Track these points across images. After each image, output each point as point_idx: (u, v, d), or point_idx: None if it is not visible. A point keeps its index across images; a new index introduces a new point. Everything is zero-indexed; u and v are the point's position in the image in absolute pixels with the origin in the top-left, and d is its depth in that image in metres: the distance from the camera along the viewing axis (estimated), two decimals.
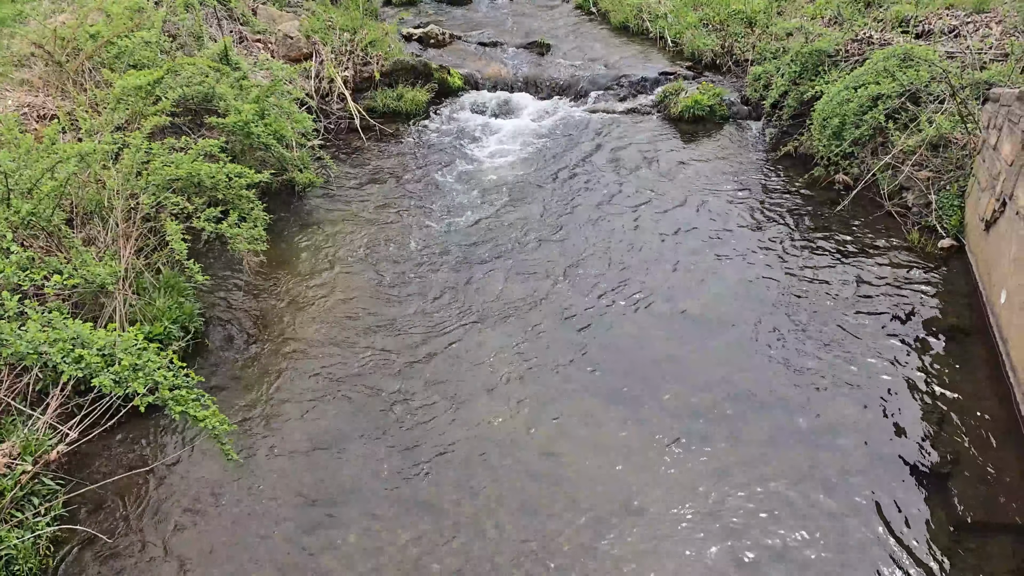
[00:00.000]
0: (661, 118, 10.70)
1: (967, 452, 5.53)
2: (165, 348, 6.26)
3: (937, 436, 5.70)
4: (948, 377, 6.22)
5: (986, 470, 5.38)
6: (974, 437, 5.65)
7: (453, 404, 6.11)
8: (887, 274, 7.46)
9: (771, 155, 9.70)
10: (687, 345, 6.70)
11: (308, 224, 8.48)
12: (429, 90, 11.10)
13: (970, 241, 7.69)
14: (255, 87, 8.67)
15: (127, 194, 6.78)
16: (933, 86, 8.49)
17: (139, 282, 6.71)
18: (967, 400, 5.98)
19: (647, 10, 12.63)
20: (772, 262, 7.72)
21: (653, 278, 7.53)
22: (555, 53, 12.23)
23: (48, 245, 6.40)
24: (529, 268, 7.71)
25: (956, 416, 5.84)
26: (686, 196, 8.86)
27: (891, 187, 8.39)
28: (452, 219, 8.53)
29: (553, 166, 9.55)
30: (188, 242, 6.54)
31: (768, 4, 11.62)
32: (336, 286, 7.50)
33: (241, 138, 8.30)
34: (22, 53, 8.77)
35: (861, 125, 8.58)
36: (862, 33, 9.85)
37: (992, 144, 7.27)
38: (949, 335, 6.65)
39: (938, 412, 5.90)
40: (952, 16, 9.92)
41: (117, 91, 7.44)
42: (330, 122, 10.45)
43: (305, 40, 11.15)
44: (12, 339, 3.92)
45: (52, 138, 6.66)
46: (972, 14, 9.86)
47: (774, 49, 10.59)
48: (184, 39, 9.69)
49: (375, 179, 9.35)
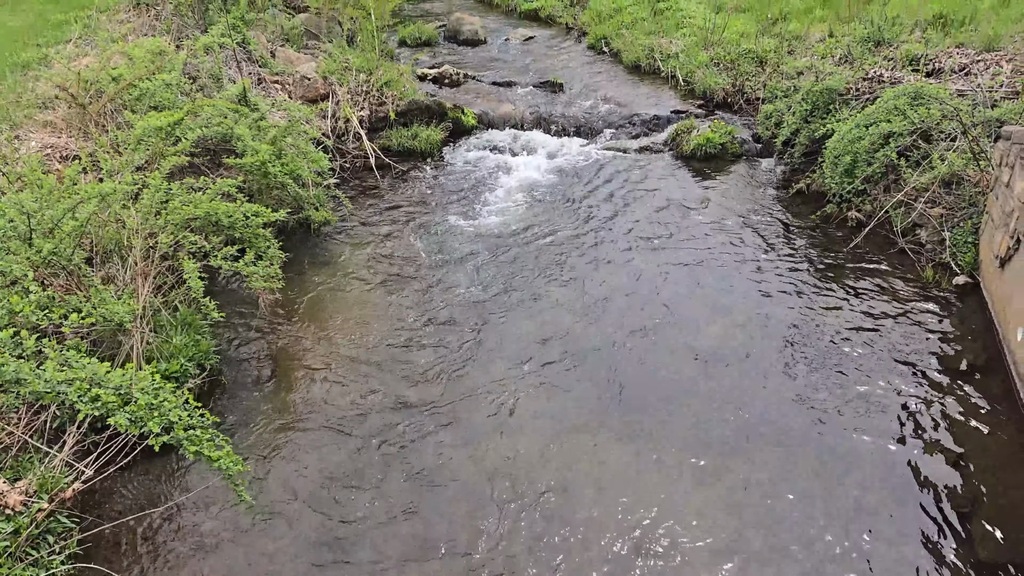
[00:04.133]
0: (673, 156, 10.77)
1: (986, 491, 5.46)
2: (181, 385, 6.32)
3: (956, 474, 5.63)
4: (965, 415, 6.16)
5: (1006, 509, 5.30)
6: (993, 475, 5.58)
7: (465, 440, 6.11)
8: (902, 311, 7.43)
9: (783, 192, 9.73)
10: (700, 378, 6.68)
11: (323, 262, 8.56)
12: (443, 129, 11.24)
13: (985, 278, 7.65)
14: (272, 127, 8.81)
15: (146, 233, 6.89)
16: (944, 124, 8.52)
17: (156, 320, 6.78)
18: (985, 438, 5.92)
19: (659, 49, 12.79)
20: (785, 298, 7.71)
21: (666, 312, 7.53)
22: (568, 92, 12.38)
23: (68, 283, 6.49)
24: (541, 304, 7.74)
25: (974, 454, 5.77)
26: (698, 233, 8.89)
27: (904, 224, 8.39)
28: (466, 257, 8.59)
29: (566, 204, 9.63)
30: (205, 280, 6.62)
31: (778, 43, 11.74)
32: (349, 323, 7.54)
33: (258, 177, 8.43)
34: (46, 95, 8.98)
35: (873, 162, 8.61)
36: (872, 71, 9.92)
37: (1005, 181, 7.27)
38: (965, 372, 6.59)
39: (956, 450, 5.83)
40: (962, 54, 9.98)
41: (138, 132, 7.59)
42: (346, 161, 10.59)
43: (322, 81, 11.35)
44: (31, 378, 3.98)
45: (73, 178, 6.80)
46: (982, 52, 9.91)
47: (785, 88, 10.67)
48: (204, 81, 9.89)
49: (389, 218, 9.45)
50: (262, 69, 11.25)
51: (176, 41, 10.83)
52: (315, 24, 13.52)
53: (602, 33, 14.01)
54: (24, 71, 9.59)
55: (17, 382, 3.97)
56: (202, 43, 9.83)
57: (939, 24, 10.84)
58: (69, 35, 10.61)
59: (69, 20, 11.13)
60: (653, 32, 13.39)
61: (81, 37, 10.54)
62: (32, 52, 10.05)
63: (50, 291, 5.90)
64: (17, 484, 5.03)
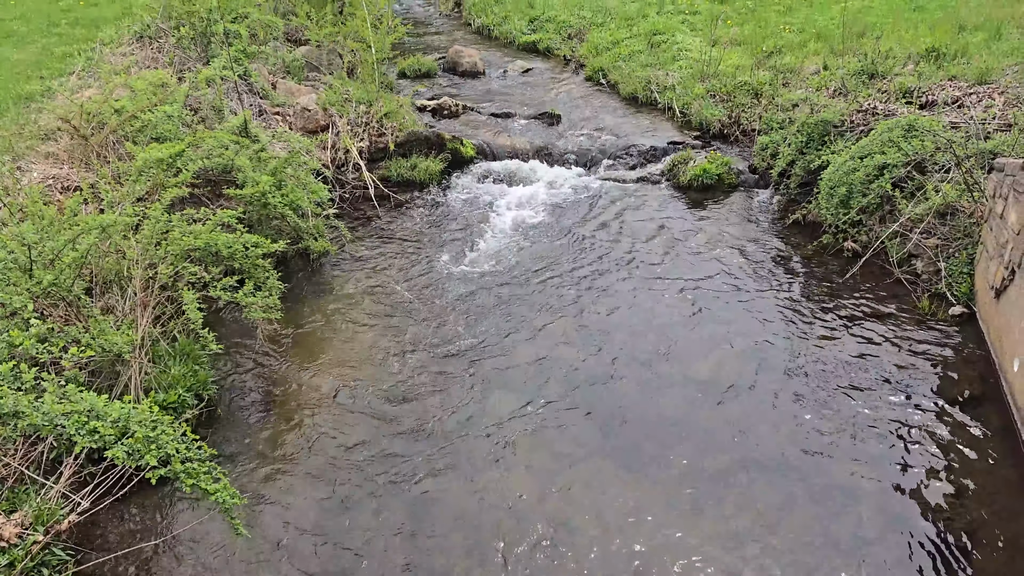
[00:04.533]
0: (670, 186, 10.86)
1: (986, 523, 5.45)
2: (179, 416, 6.32)
3: (954, 506, 5.62)
4: (963, 446, 6.15)
5: (1008, 540, 5.28)
6: (992, 507, 5.57)
7: (463, 473, 6.10)
8: (898, 341, 7.45)
9: (779, 223, 9.79)
10: (698, 408, 6.69)
11: (322, 292, 8.59)
12: (442, 160, 11.34)
13: (981, 309, 7.69)
14: (273, 158, 8.90)
15: (146, 264, 6.93)
16: (938, 156, 8.61)
17: (155, 350, 6.80)
18: (983, 469, 5.91)
19: (656, 81, 12.93)
20: (782, 328, 7.73)
21: (663, 342, 7.55)
22: (566, 123, 12.50)
23: (67, 314, 6.51)
24: (539, 335, 7.76)
25: (973, 485, 5.76)
26: (695, 263, 8.94)
27: (900, 255, 8.44)
28: (464, 288, 8.63)
29: (564, 234, 9.68)
30: (204, 310, 6.64)
31: (773, 76, 11.89)
32: (348, 354, 7.56)
33: (258, 208, 8.50)
34: (49, 127, 9.07)
35: (868, 193, 8.68)
36: (867, 104, 10.03)
37: (999, 213, 7.33)
38: (962, 403, 6.60)
39: (954, 481, 5.82)
40: (955, 87, 10.10)
41: (139, 163, 7.66)
42: (345, 191, 10.66)
43: (322, 112, 11.47)
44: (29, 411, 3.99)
45: (74, 209, 6.85)
46: (974, 85, 10.04)
47: (780, 119, 10.78)
48: (206, 112, 10.00)
49: (388, 248, 9.50)
50: (263, 101, 11.37)
51: (178, 73, 10.96)
52: (316, 56, 13.69)
53: (600, 65, 14.18)
54: (27, 103, 9.69)
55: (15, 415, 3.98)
56: (204, 75, 9.95)
57: (932, 57, 10.98)
58: (73, 68, 10.73)
59: (73, 53, 11.27)
60: (650, 64, 13.55)
61: (84, 70, 10.66)
62: (36, 85, 10.16)
63: (49, 322, 5.93)
64: (12, 516, 5.01)
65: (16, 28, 12.67)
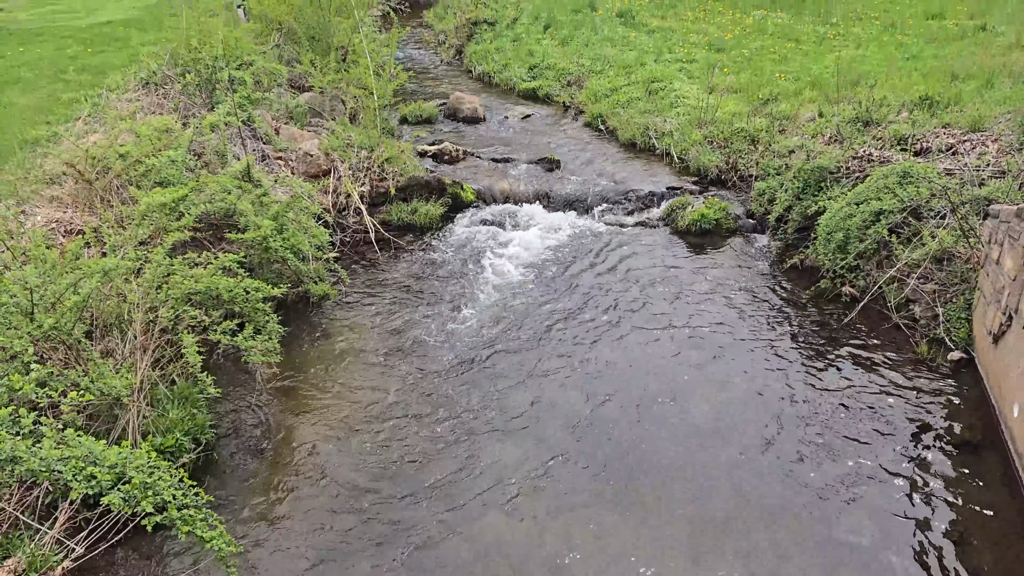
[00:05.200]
0: (669, 231, 10.94)
1: (988, 568, 5.39)
2: (176, 460, 6.29)
3: (957, 553, 5.57)
4: (963, 491, 6.12)
5: None
6: (994, 554, 5.52)
7: (462, 518, 6.05)
8: (897, 387, 7.45)
9: (777, 267, 9.85)
10: (697, 453, 6.66)
11: (321, 335, 8.60)
12: (443, 204, 11.43)
13: (979, 354, 7.70)
14: (275, 203, 8.98)
15: (147, 307, 6.96)
16: (934, 202, 8.70)
17: (153, 393, 6.79)
18: (984, 515, 5.87)
19: (654, 128, 13.10)
20: (781, 373, 7.73)
21: (662, 387, 7.55)
22: (565, 168, 12.63)
23: (67, 357, 6.52)
24: (538, 378, 7.75)
25: (975, 531, 5.72)
26: (695, 308, 8.97)
27: (898, 300, 8.48)
28: (463, 331, 8.64)
29: (563, 278, 9.73)
30: (203, 352, 6.65)
31: (770, 123, 12.05)
32: (346, 398, 7.54)
33: (259, 252, 8.56)
34: (54, 172, 9.17)
35: (865, 239, 8.75)
36: (862, 151, 10.16)
37: (995, 259, 7.39)
38: (962, 448, 6.58)
39: (955, 527, 5.78)
40: (949, 135, 10.24)
41: (142, 208, 7.74)
42: (346, 235, 10.74)
43: (324, 157, 11.60)
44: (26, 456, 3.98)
45: (76, 253, 6.90)
46: (968, 132, 10.17)
47: (777, 166, 10.91)
48: (209, 157, 10.12)
49: (388, 292, 9.54)
50: (266, 146, 11.51)
51: (183, 119, 11.11)
52: (319, 102, 13.89)
53: (598, 112, 14.37)
54: (34, 148, 9.82)
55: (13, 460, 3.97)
56: (208, 121, 10.09)
57: (925, 105, 11.15)
58: (79, 113, 10.89)
59: (79, 99, 11.44)
60: (648, 111, 13.74)
61: (90, 115, 10.81)
62: (42, 130, 10.30)
63: (49, 365, 5.93)
64: (6, 562, 4.96)
65: (24, 74, 12.88)
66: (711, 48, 16.70)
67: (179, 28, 12.93)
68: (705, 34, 17.70)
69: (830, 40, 16.59)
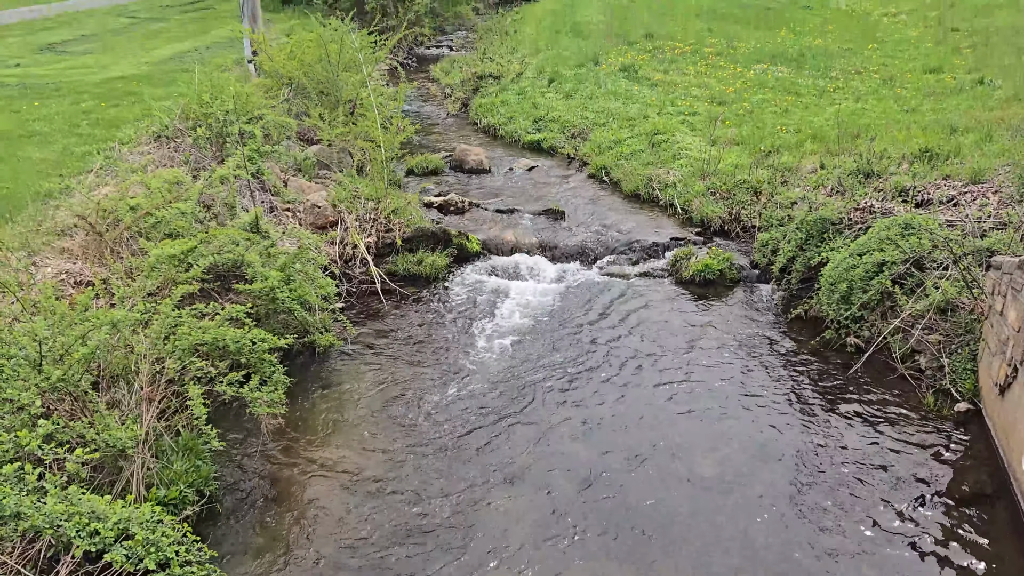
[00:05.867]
0: (673, 282, 10.99)
1: None
2: (179, 512, 6.26)
3: None
4: (972, 544, 6.05)
5: None
6: None
7: (467, 571, 5.98)
8: (904, 438, 7.40)
9: (782, 318, 9.87)
10: (703, 506, 6.61)
11: (326, 386, 8.61)
12: (448, 255, 11.53)
13: (986, 405, 7.66)
14: (282, 254, 9.08)
15: (154, 358, 7.00)
16: (936, 253, 8.75)
17: (158, 444, 6.79)
18: (995, 569, 5.78)
19: (657, 179, 13.26)
20: (786, 425, 7.70)
21: (667, 439, 7.52)
22: (569, 219, 12.75)
23: (73, 408, 6.54)
24: (541, 429, 7.73)
25: None
26: (698, 358, 8.97)
27: (903, 350, 8.48)
28: (468, 382, 8.65)
29: (568, 329, 9.76)
30: (208, 403, 6.66)
31: (772, 174, 12.19)
32: (350, 450, 7.52)
33: (266, 302, 8.62)
34: (65, 224, 9.30)
35: (868, 290, 8.79)
36: (864, 202, 10.26)
37: (999, 310, 7.41)
38: (971, 501, 6.52)
39: None
40: (949, 186, 10.35)
41: (152, 260, 7.83)
42: (352, 285, 10.81)
43: (331, 209, 11.74)
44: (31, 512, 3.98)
45: (85, 304, 6.97)
46: (968, 184, 10.28)
47: (780, 216, 11.01)
48: (218, 209, 10.26)
49: (393, 342, 9.57)
50: (274, 197, 11.67)
51: (194, 172, 11.29)
52: (327, 155, 14.11)
53: (602, 163, 14.56)
54: (46, 200, 9.97)
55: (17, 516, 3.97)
56: (219, 174, 10.25)
57: (925, 158, 11.28)
58: (91, 166, 11.08)
59: (92, 152, 11.65)
60: (651, 163, 13.92)
61: (103, 168, 11.00)
62: (55, 183, 10.47)
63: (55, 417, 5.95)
64: None
65: (39, 128, 13.14)
66: (713, 101, 16.98)
67: (191, 83, 13.23)
68: (707, 88, 18.01)
69: (830, 93, 16.86)
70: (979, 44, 19.67)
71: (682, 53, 21.42)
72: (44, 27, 25.64)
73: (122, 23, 26.57)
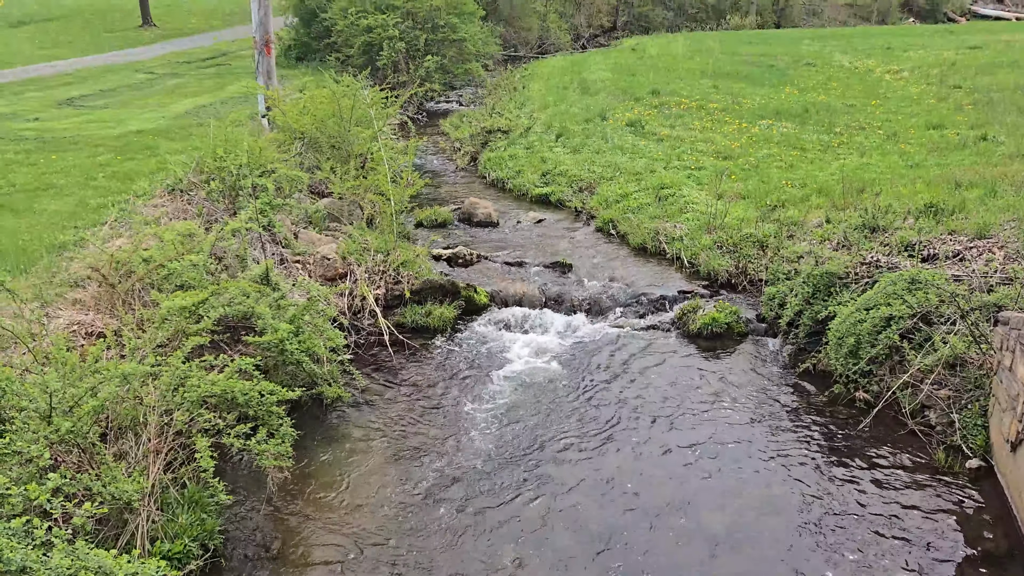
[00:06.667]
0: (680, 335, 11.00)
1: None
2: (183, 567, 6.21)
3: None
4: None
5: None
6: None
7: None
8: (915, 496, 7.32)
9: (790, 372, 9.85)
10: (714, 562, 6.53)
11: (333, 439, 8.60)
12: (456, 307, 11.59)
13: (998, 462, 7.59)
14: (292, 306, 9.16)
15: (162, 410, 7.03)
16: (943, 308, 8.76)
17: (164, 497, 6.77)
18: None
19: (664, 232, 13.37)
20: (795, 481, 7.63)
21: (676, 495, 7.45)
22: (577, 272, 12.84)
23: (81, 460, 6.55)
24: (549, 484, 7.68)
25: None
26: (708, 413, 8.94)
27: (912, 405, 8.43)
28: (476, 436, 8.62)
29: (575, 382, 9.75)
30: (215, 455, 6.66)
31: (778, 228, 12.28)
32: (356, 505, 7.48)
33: (275, 354, 8.67)
34: (79, 275, 9.42)
35: (876, 344, 8.78)
36: (870, 257, 10.31)
37: (1007, 366, 7.39)
38: (984, 561, 6.43)
39: None
40: (955, 241, 10.40)
41: (163, 312, 7.91)
42: (360, 337, 10.86)
43: (341, 261, 11.87)
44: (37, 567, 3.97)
45: (96, 356, 7.03)
46: (974, 239, 10.33)
47: (786, 270, 11.06)
48: (230, 261, 10.38)
49: (401, 394, 9.58)
50: (285, 250, 11.81)
51: (206, 224, 11.45)
52: (337, 207, 14.30)
53: (609, 217, 14.71)
54: (60, 252, 10.12)
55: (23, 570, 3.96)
56: (231, 227, 10.39)
57: (930, 213, 11.36)
58: (105, 218, 11.25)
59: (107, 204, 11.84)
60: (658, 216, 14.05)
61: (117, 220, 11.17)
62: (69, 234, 10.63)
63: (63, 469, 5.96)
64: None
65: (56, 181, 13.39)
66: (719, 156, 17.20)
67: (206, 137, 13.50)
68: (712, 143, 18.25)
69: (834, 148, 17.07)
70: (981, 102, 19.94)
71: (687, 109, 21.77)
72: (63, 82, 26.26)
73: (140, 79, 27.21)
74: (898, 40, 35.57)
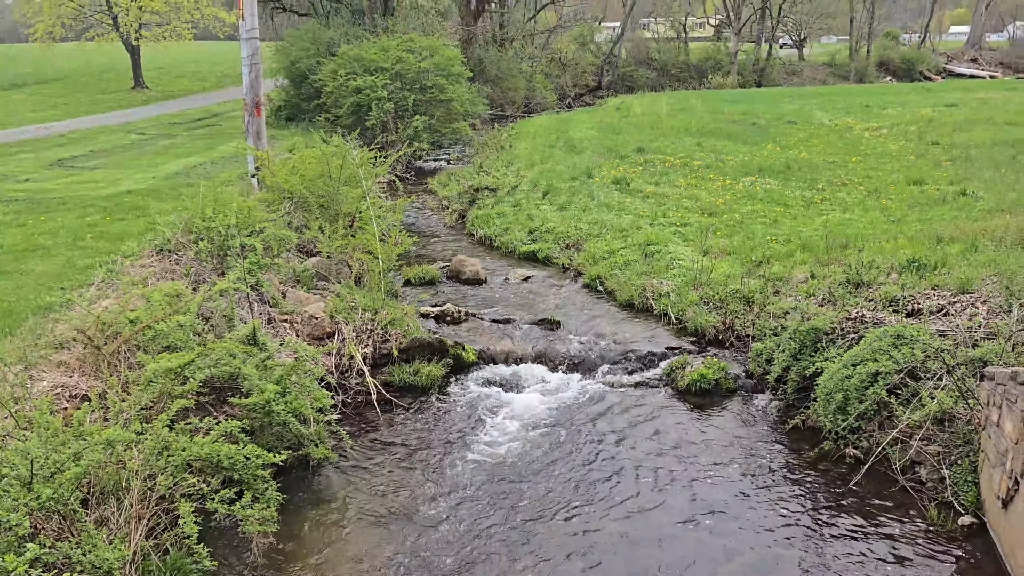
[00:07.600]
0: (669, 391, 10.98)
1: None
2: None
3: None
4: None
5: None
6: None
7: None
8: (908, 554, 7.26)
9: (779, 428, 9.82)
10: None
11: (320, 501, 8.47)
12: (444, 365, 11.55)
13: (990, 518, 7.55)
14: (279, 366, 9.11)
15: (146, 474, 6.92)
16: (929, 363, 8.81)
17: (146, 564, 6.62)
18: None
19: (651, 289, 13.46)
20: (785, 540, 7.56)
21: (666, 557, 7.35)
22: (565, 329, 12.85)
23: (61, 527, 6.42)
24: (540, 550, 7.57)
25: None
26: (696, 470, 8.88)
27: (902, 461, 8.41)
28: (463, 497, 8.52)
29: (564, 442, 9.68)
30: (198, 520, 6.54)
31: (764, 284, 12.39)
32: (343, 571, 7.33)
33: (261, 416, 8.59)
34: (64, 337, 9.36)
35: (864, 400, 8.79)
36: (855, 312, 10.39)
37: (995, 421, 7.41)
38: None
39: None
40: (939, 296, 10.51)
41: (148, 374, 7.86)
42: (347, 396, 10.78)
43: (329, 320, 11.85)
44: None
45: (81, 420, 6.95)
46: (957, 294, 10.44)
47: (773, 326, 11.12)
48: (217, 321, 10.35)
49: (388, 455, 9.47)
50: (273, 309, 11.79)
51: (194, 284, 11.45)
52: (325, 266, 14.34)
53: (597, 273, 14.81)
54: (46, 313, 10.07)
55: None
56: (218, 287, 10.40)
57: (913, 268, 11.50)
58: (93, 279, 11.24)
59: (94, 265, 11.84)
60: (645, 273, 14.15)
61: (104, 281, 11.16)
62: (55, 296, 10.60)
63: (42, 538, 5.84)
64: None
65: (44, 242, 13.39)
66: (704, 212, 17.42)
67: (196, 197, 13.59)
68: (697, 199, 18.50)
69: (817, 204, 17.33)
70: (959, 158, 20.38)
71: (672, 166, 22.12)
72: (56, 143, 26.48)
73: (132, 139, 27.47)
74: (876, 98, 36.50)
